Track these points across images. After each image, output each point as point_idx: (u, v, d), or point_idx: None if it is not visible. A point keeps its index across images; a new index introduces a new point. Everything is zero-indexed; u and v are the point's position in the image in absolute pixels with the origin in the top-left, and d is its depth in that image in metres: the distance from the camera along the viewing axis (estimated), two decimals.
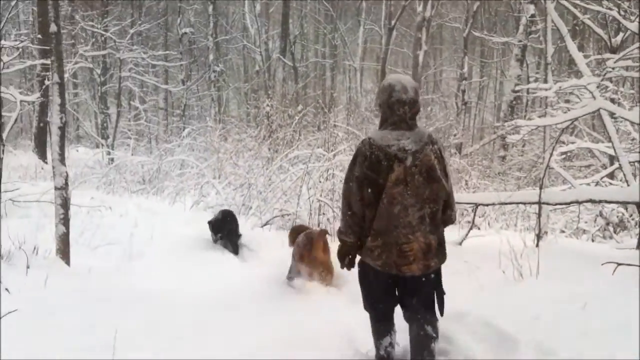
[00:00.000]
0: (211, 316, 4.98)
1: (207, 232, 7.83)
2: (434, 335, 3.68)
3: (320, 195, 8.63)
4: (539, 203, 6.14)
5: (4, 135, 5.96)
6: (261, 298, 5.69)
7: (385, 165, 3.51)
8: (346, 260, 3.80)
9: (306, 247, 5.79)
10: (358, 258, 3.80)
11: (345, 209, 3.66)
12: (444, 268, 3.78)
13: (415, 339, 3.71)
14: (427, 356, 3.66)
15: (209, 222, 7.80)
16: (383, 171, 3.51)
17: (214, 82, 26.13)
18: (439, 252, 3.66)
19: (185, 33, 26.40)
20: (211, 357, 3.94)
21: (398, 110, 3.62)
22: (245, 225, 8.54)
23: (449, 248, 3.82)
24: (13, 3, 15.95)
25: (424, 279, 3.65)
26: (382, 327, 3.87)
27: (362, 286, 3.92)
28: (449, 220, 3.78)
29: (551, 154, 6.32)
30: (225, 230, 7.71)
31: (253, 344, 4.26)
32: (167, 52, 27.17)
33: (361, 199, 3.58)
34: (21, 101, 6.12)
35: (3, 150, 5.83)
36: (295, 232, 6.44)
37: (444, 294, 3.74)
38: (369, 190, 3.56)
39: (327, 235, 6.04)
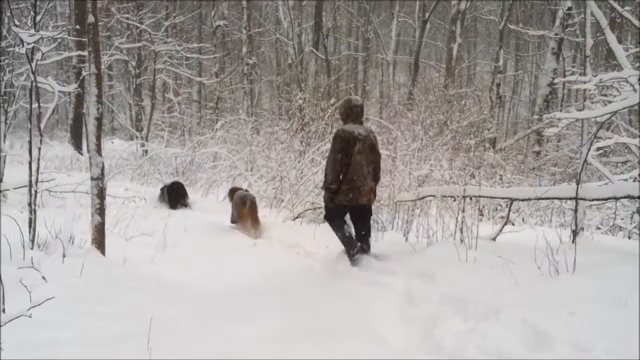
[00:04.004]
0: (241, 304, 5.01)
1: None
2: (369, 249, 6.50)
3: None
4: (576, 198, 6.04)
5: (42, 126, 6.04)
6: (285, 285, 5.83)
7: (352, 142, 6.23)
8: (334, 199, 6.34)
9: (243, 209, 8.05)
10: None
11: (332, 169, 6.24)
12: (478, 262, 4.81)
13: (361, 242, 6.44)
14: (364, 250, 6.41)
15: (162, 189, 9.75)
16: (351, 146, 6.22)
17: (247, 75, 26.19)
18: (374, 193, 6.54)
19: (219, 26, 26.44)
20: (241, 345, 3.96)
21: (355, 109, 6.48)
22: (276, 219, 8.68)
23: (481, 243, 6.15)
24: None
25: (367, 209, 6.54)
26: (341, 223, 6.52)
27: (327, 213, 6.61)
28: (378, 179, 6.66)
29: (589, 149, 6.20)
30: (180, 198, 9.49)
31: (281, 329, 4.28)
32: (201, 44, 27.25)
33: (340, 162, 6.22)
34: (59, 92, 6.18)
35: (41, 141, 5.92)
36: (232, 192, 8.69)
37: (371, 215, 6.76)
38: (345, 156, 6.21)
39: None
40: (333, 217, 6.58)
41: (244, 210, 8.07)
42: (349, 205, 6.41)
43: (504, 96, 27.33)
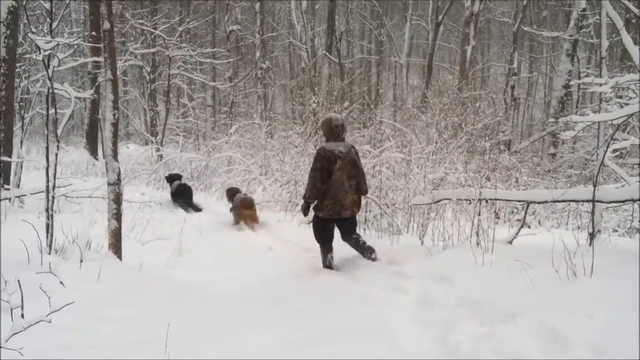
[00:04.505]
0: (256, 309, 5.02)
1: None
2: (364, 240, 6.85)
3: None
4: (593, 201, 5.99)
5: (58, 132, 6.09)
6: (299, 289, 5.86)
7: (332, 160, 6.52)
8: (307, 211, 6.82)
9: (243, 206, 8.76)
10: (312, 213, 6.91)
11: (312, 185, 6.58)
12: (494, 266, 5.07)
13: (358, 246, 6.80)
14: (369, 251, 6.68)
15: (166, 177, 10.83)
16: (332, 163, 6.51)
17: (260, 79, 26.22)
18: (357, 205, 6.81)
19: (233, 30, 26.52)
20: (256, 350, 3.96)
21: (336, 129, 6.74)
22: (291, 223, 8.69)
23: (497, 246, 6.11)
24: (67, 1, 16.25)
25: (350, 219, 6.82)
26: (327, 248, 6.81)
27: (316, 230, 6.86)
28: (364, 191, 6.90)
29: (605, 151, 6.15)
30: (183, 199, 10.07)
31: (295, 333, 4.28)
32: (215, 49, 27.38)
33: (321, 178, 6.51)
34: (75, 97, 6.23)
35: (57, 147, 5.97)
36: (231, 192, 9.35)
37: (356, 224, 7.08)
38: (325, 173, 6.51)
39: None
40: (320, 227, 6.85)
41: (245, 211, 8.77)
42: (332, 218, 6.73)
43: (519, 98, 27.19)
